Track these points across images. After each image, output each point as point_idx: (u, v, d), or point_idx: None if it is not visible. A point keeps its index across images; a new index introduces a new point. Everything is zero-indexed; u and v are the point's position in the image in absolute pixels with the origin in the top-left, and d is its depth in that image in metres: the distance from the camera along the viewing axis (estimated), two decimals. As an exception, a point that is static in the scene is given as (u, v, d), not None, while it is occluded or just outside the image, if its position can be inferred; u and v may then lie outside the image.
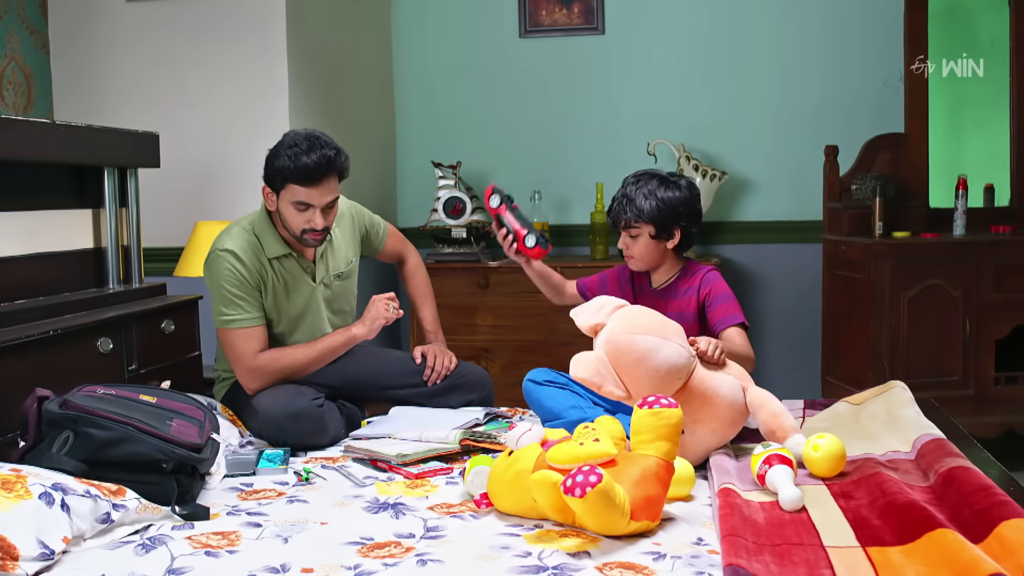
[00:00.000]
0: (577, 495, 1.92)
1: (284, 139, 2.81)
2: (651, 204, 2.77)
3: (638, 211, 2.78)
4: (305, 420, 2.73)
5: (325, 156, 2.75)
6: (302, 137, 2.78)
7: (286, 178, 2.76)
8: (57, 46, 4.01)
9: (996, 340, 4.00)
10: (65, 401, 2.20)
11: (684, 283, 2.87)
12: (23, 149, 2.69)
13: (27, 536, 1.87)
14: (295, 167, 2.73)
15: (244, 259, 2.84)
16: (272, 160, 2.80)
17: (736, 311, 2.79)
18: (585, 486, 1.92)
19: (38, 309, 2.70)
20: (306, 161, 2.73)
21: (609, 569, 1.86)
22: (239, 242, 2.87)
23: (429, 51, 4.88)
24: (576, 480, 1.94)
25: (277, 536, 2.07)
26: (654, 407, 2.14)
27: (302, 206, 2.79)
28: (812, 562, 1.78)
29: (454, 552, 1.96)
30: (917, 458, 2.37)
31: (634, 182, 2.84)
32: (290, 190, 2.78)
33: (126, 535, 2.07)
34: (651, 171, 2.89)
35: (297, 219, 2.81)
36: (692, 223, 2.84)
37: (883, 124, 4.43)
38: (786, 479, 2.12)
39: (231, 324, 2.84)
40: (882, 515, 1.98)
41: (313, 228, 2.81)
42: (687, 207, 2.81)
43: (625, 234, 2.85)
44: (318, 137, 2.79)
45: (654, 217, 2.77)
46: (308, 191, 2.77)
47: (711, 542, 2.00)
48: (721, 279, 2.85)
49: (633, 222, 2.80)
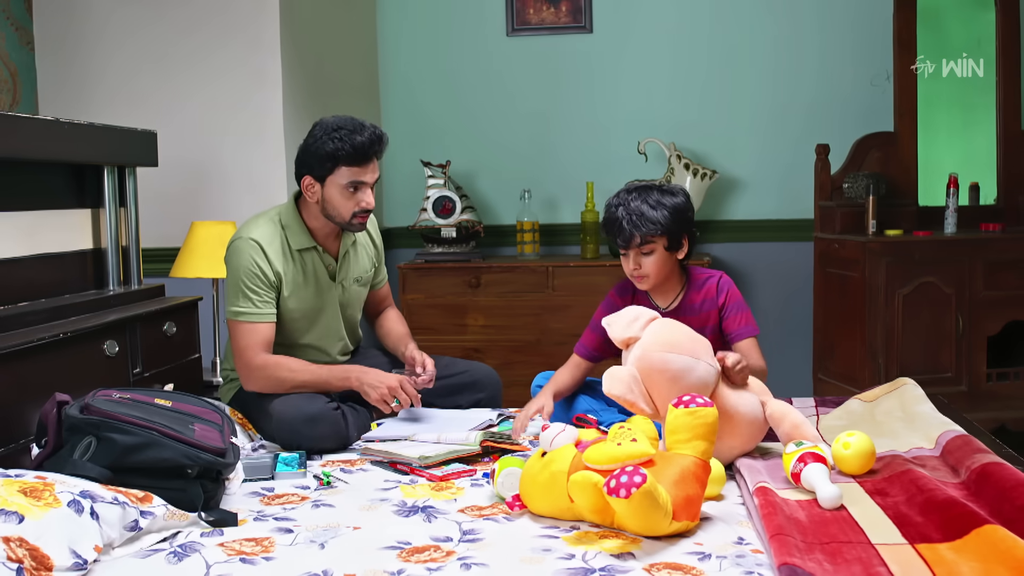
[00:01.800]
0: (622, 496, 1.90)
1: (321, 126, 2.81)
2: (663, 213, 2.63)
3: (653, 223, 2.61)
4: (322, 424, 2.69)
5: (376, 133, 2.79)
6: (343, 120, 2.79)
7: (338, 161, 2.77)
8: (42, 43, 3.91)
9: (988, 336, 4.05)
10: (86, 406, 2.14)
11: (696, 296, 2.76)
12: (26, 147, 2.62)
13: (59, 546, 1.82)
14: (350, 147, 2.75)
15: (267, 251, 2.82)
16: (316, 148, 2.79)
17: (750, 321, 2.75)
18: (630, 487, 1.90)
19: (44, 312, 2.62)
20: (360, 140, 2.75)
21: (657, 570, 1.85)
22: (265, 231, 2.85)
23: (415, 49, 4.84)
24: (620, 481, 1.92)
25: (311, 542, 2.02)
26: (690, 406, 2.13)
27: (352, 187, 2.79)
28: (865, 560, 1.78)
29: (496, 555, 1.93)
30: (943, 455, 2.38)
31: (635, 196, 2.66)
32: (340, 173, 2.78)
33: (154, 543, 2.01)
34: (643, 183, 2.75)
35: (348, 202, 2.81)
36: (695, 229, 2.76)
37: (872, 123, 4.47)
38: (823, 477, 2.12)
39: (240, 317, 2.81)
40: (923, 512, 1.98)
41: (365, 208, 2.83)
42: (691, 212, 2.73)
43: (636, 253, 2.67)
44: (354, 118, 2.81)
45: (669, 226, 2.63)
46: (361, 170, 2.78)
47: (752, 541, 1.98)
48: (734, 286, 2.78)
49: (650, 236, 2.63)
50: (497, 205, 4.86)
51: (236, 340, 2.82)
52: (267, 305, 2.83)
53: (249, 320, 2.80)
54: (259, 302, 2.81)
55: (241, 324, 2.81)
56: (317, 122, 2.87)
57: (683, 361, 2.35)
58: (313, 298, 2.94)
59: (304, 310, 2.92)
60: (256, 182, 3.86)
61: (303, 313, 2.92)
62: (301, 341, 2.95)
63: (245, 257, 2.80)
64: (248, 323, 2.80)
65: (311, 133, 2.85)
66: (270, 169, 3.86)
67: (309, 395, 2.76)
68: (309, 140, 2.83)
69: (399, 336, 3.18)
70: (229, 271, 2.85)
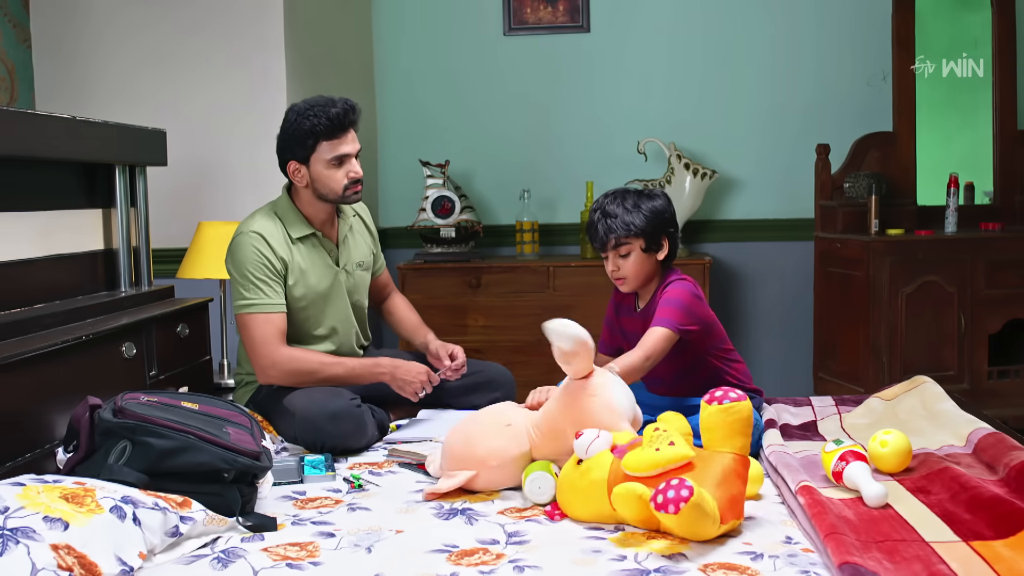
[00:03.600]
0: (671, 512, 1.88)
1: (293, 111, 2.85)
2: (639, 216, 2.66)
3: (626, 225, 2.65)
4: (346, 421, 2.66)
5: (348, 103, 2.83)
6: (313, 100, 2.85)
7: (318, 136, 2.80)
8: (40, 40, 3.84)
9: (989, 335, 4.08)
10: (120, 409, 2.09)
11: (659, 296, 2.73)
12: (44, 145, 2.56)
13: (106, 553, 1.78)
14: (327, 119, 2.78)
15: (270, 241, 2.82)
16: (293, 130, 2.82)
17: (671, 315, 2.62)
18: (678, 502, 1.88)
19: (61, 314, 2.57)
20: (334, 111, 2.79)
21: (712, 570, 1.84)
22: (264, 224, 2.86)
23: (411, 49, 4.80)
24: (668, 496, 1.89)
25: (356, 546, 1.99)
26: (723, 402, 2.11)
27: (337, 161, 2.82)
28: (923, 558, 1.78)
29: (546, 557, 1.91)
30: (975, 452, 2.39)
31: (612, 200, 2.71)
32: (322, 149, 2.82)
33: (195, 549, 1.97)
34: (623, 188, 2.78)
35: (337, 176, 2.84)
36: (676, 231, 2.77)
37: (870, 123, 4.49)
38: (867, 475, 2.12)
39: (251, 308, 2.78)
40: (970, 509, 1.99)
41: (355, 178, 2.86)
42: (670, 214, 2.73)
43: (614, 255, 2.70)
44: (325, 96, 2.86)
45: (643, 228, 2.65)
46: (339, 141, 2.82)
47: (801, 540, 1.98)
48: (681, 287, 2.69)
49: (623, 238, 2.66)
50: (496, 205, 4.84)
51: (251, 333, 2.78)
52: (277, 295, 2.81)
53: (262, 310, 2.78)
54: (269, 291, 2.79)
55: (254, 316, 2.78)
56: (289, 108, 2.90)
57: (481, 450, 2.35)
58: (319, 284, 2.92)
59: (312, 297, 2.90)
60: (261, 182, 3.80)
61: (311, 300, 2.90)
62: (315, 332, 2.93)
63: (249, 249, 2.80)
64: (262, 314, 2.78)
65: (285, 119, 2.88)
66: (275, 169, 3.78)
67: (332, 391, 2.73)
68: (285, 125, 2.86)
69: (414, 326, 3.21)
70: (233, 266, 2.83)
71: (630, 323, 2.84)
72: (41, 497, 1.82)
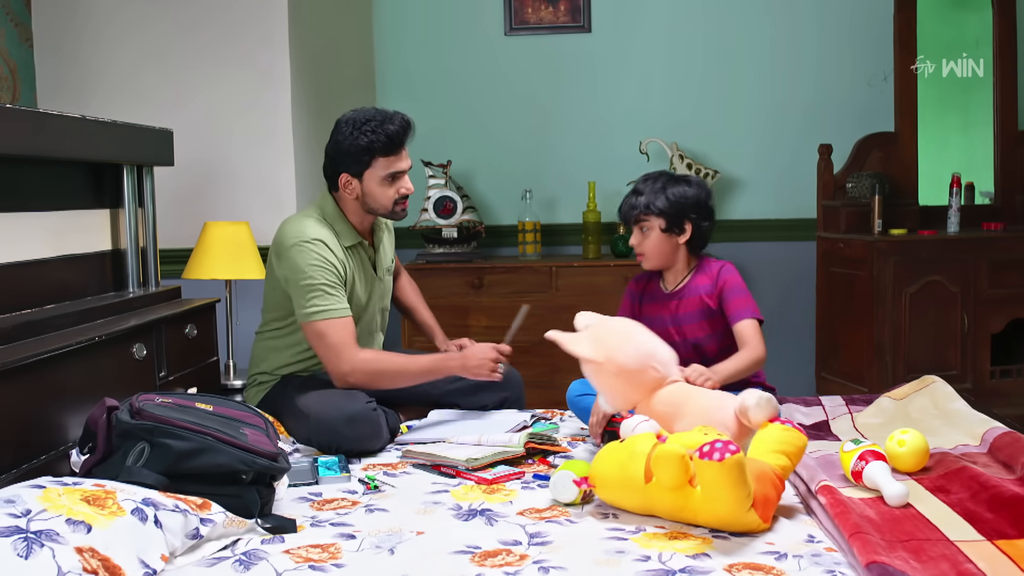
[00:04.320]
0: (715, 459, 1.91)
1: (349, 123, 2.80)
2: (662, 197, 2.81)
3: (647, 204, 2.81)
4: (362, 424, 2.65)
5: (404, 119, 2.82)
6: (369, 113, 2.81)
7: (374, 153, 2.78)
8: (42, 40, 3.81)
9: (992, 334, 4.09)
10: (138, 411, 2.08)
11: (698, 281, 2.87)
12: (56, 144, 2.55)
13: (129, 555, 1.76)
14: (385, 137, 2.77)
15: (332, 248, 2.81)
16: (349, 144, 2.79)
17: (749, 305, 2.80)
18: (724, 451, 1.92)
19: (74, 314, 2.55)
20: (392, 128, 2.78)
21: (737, 570, 1.83)
22: (321, 231, 2.82)
23: (412, 49, 4.78)
24: (715, 446, 1.93)
25: (378, 547, 1.98)
26: (786, 424, 2.18)
27: (390, 177, 2.81)
28: (950, 557, 1.78)
29: (570, 558, 1.90)
30: (991, 451, 2.39)
31: (645, 180, 2.88)
32: (378, 165, 2.80)
33: (215, 551, 1.96)
34: (662, 171, 2.94)
35: (388, 192, 2.84)
36: (703, 218, 2.86)
37: (871, 123, 4.49)
38: (887, 474, 2.12)
39: (328, 314, 2.75)
40: (992, 509, 1.99)
41: (406, 195, 2.86)
42: (697, 201, 2.84)
43: (636, 229, 2.87)
44: (379, 109, 2.83)
45: (664, 209, 2.80)
46: (396, 158, 2.81)
47: (823, 539, 1.98)
48: (735, 273, 2.87)
49: (642, 215, 2.82)
50: (497, 205, 4.83)
51: (329, 340, 2.74)
52: (346, 300, 2.81)
53: (337, 315, 2.76)
54: (340, 296, 2.78)
55: (330, 322, 2.75)
56: (342, 119, 2.85)
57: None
58: (364, 294, 2.93)
59: (357, 311, 2.90)
60: (265, 181, 3.79)
61: (356, 312, 2.89)
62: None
63: (315, 256, 2.76)
64: (339, 319, 2.76)
65: (339, 131, 2.83)
66: (279, 168, 3.80)
67: (349, 394, 2.72)
68: (339, 138, 2.81)
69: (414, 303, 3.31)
70: (298, 274, 2.77)
71: (654, 308, 2.91)
72: (62, 499, 1.81)
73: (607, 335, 2.40)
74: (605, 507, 2.19)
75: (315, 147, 4.06)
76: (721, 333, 2.82)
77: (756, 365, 2.71)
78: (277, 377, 2.96)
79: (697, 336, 2.82)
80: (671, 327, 2.84)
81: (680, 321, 2.85)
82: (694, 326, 2.83)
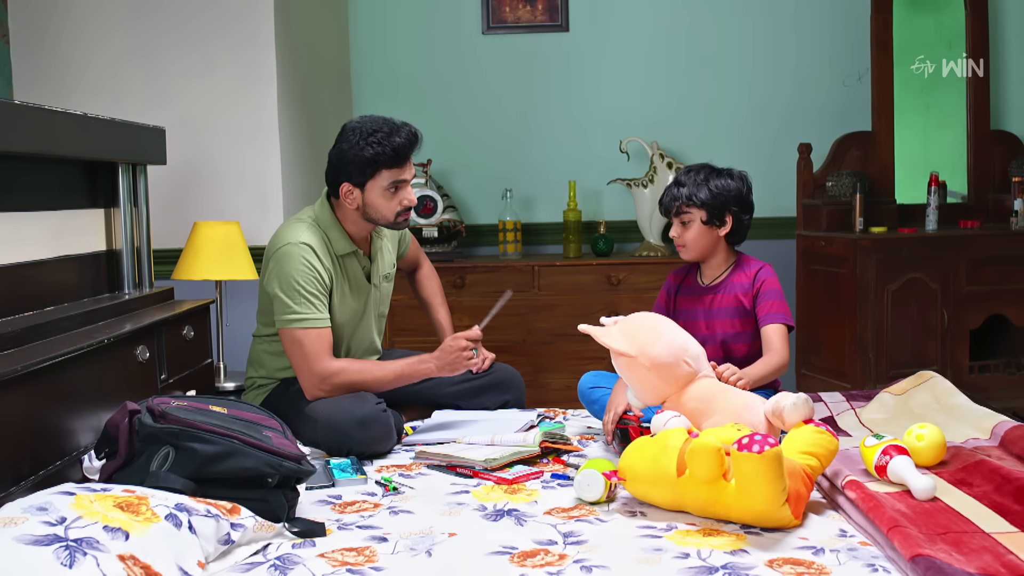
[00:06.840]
0: (755, 451, 1.92)
1: (356, 132, 2.75)
2: (703, 189, 2.84)
3: (689, 195, 2.84)
4: (373, 426, 2.61)
5: (412, 131, 2.79)
6: (376, 123, 2.76)
7: (379, 165, 2.73)
8: (18, 35, 3.71)
9: (970, 330, 4.17)
10: (162, 414, 2.03)
11: (737, 278, 2.91)
12: (55, 142, 2.47)
13: (168, 562, 1.72)
14: (391, 150, 2.72)
15: (320, 254, 2.76)
16: (354, 154, 2.73)
17: (782, 309, 2.84)
18: (764, 444, 1.93)
19: (76, 316, 2.48)
20: (399, 141, 2.73)
21: (778, 566, 1.84)
22: (313, 237, 2.78)
23: (389, 47, 4.73)
24: (754, 439, 1.94)
25: (412, 549, 1.96)
26: (821, 427, 2.19)
27: (393, 188, 2.77)
28: (991, 549, 1.80)
29: (611, 557, 1.89)
30: (1001, 444, 2.43)
31: (687, 172, 2.91)
32: (381, 176, 2.75)
33: (246, 557, 1.92)
34: (704, 164, 2.96)
35: (391, 203, 2.79)
36: (743, 211, 2.90)
37: (848, 123, 4.55)
38: (912, 468, 2.14)
39: (304, 323, 2.71)
40: (1018, 500, 2.02)
41: (408, 206, 2.82)
42: (739, 194, 2.89)
43: (677, 221, 2.89)
44: (387, 119, 2.79)
45: (706, 201, 2.83)
46: (400, 170, 2.77)
47: (856, 534, 1.99)
48: (774, 276, 2.91)
49: (684, 206, 2.85)
50: (476, 204, 4.80)
51: (301, 348, 2.71)
52: (325, 309, 2.76)
53: (315, 325, 2.72)
54: (320, 306, 2.73)
55: (306, 331, 2.71)
56: (347, 127, 2.81)
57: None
58: (354, 304, 2.88)
59: (343, 321, 2.85)
60: (250, 180, 3.73)
61: (344, 321, 2.85)
62: (338, 354, 2.86)
63: (300, 261, 2.72)
64: (314, 328, 2.72)
65: (344, 139, 2.78)
66: (265, 167, 3.74)
67: (358, 397, 2.68)
68: (344, 147, 2.76)
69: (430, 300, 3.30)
70: (280, 278, 2.73)
71: (689, 301, 2.94)
72: (95, 506, 1.76)
73: (638, 329, 2.40)
74: (631, 505, 2.19)
75: (301, 145, 4.01)
76: (751, 334, 2.84)
77: (780, 370, 2.74)
78: (276, 380, 2.91)
79: (727, 332, 2.84)
80: (703, 320, 2.86)
81: (712, 315, 2.86)
82: (725, 322, 2.84)
